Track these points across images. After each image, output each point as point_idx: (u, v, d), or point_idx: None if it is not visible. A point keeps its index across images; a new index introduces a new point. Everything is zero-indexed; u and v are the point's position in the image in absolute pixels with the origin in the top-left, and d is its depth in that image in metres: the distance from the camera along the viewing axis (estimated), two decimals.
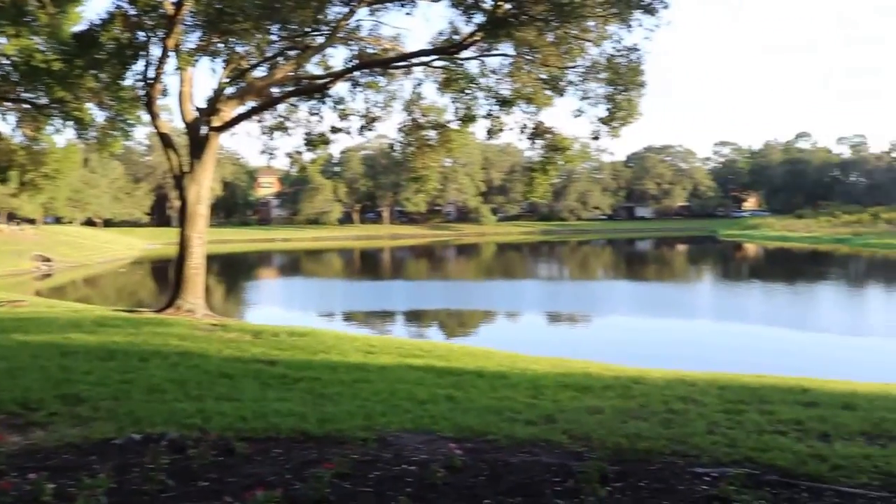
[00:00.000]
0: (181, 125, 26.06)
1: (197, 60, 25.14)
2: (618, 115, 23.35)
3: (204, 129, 24.86)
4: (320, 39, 25.35)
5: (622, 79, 22.78)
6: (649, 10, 20.89)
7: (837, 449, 9.04)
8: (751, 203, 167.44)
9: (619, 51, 22.72)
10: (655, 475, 8.07)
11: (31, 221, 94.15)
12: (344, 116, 27.55)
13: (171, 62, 24.26)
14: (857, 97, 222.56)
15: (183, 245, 24.71)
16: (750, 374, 16.09)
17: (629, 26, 21.77)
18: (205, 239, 25.28)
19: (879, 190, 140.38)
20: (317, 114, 27.76)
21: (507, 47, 24.00)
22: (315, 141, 28.14)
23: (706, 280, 58.67)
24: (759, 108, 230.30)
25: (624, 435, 9.52)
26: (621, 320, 34.14)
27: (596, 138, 24.31)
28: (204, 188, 24.98)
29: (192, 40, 24.52)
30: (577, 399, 12.11)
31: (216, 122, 24.71)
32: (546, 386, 13.23)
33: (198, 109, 25.07)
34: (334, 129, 27.94)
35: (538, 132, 25.43)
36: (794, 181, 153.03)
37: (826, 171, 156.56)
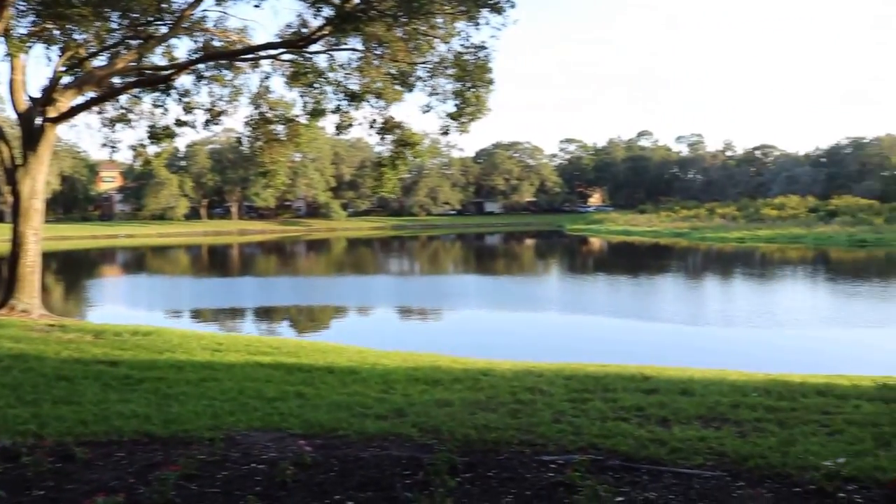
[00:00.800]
0: (13, 115, 24.77)
1: (30, 47, 23.88)
2: (466, 110, 23.63)
3: (39, 120, 23.70)
4: (164, 29, 24.56)
5: (470, 75, 23.07)
6: (496, 9, 21.24)
7: (676, 433, 9.43)
8: (595, 198, 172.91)
9: (467, 48, 23.01)
10: (504, 465, 8.23)
11: None
12: (189, 109, 26.82)
13: (1, 48, 23.03)
14: (695, 98, 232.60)
15: (16, 242, 23.51)
16: (595, 363, 16.61)
17: (477, 24, 22.08)
18: (41, 235, 24.14)
19: (715, 186, 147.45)
20: (161, 106, 26.89)
21: (355, 42, 23.92)
22: (159, 134, 27.26)
23: (553, 273, 60.11)
24: (606, 106, 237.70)
25: (473, 426, 9.66)
26: (471, 314, 34.58)
27: (445, 133, 24.55)
28: (39, 182, 23.83)
29: (24, 25, 23.28)
30: (427, 392, 12.21)
31: (52, 113, 23.58)
32: (396, 380, 13.29)
33: (31, 99, 23.86)
34: (179, 123, 27.14)
35: (387, 127, 25.45)
36: (637, 177, 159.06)
37: (666, 168, 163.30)
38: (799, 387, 12.70)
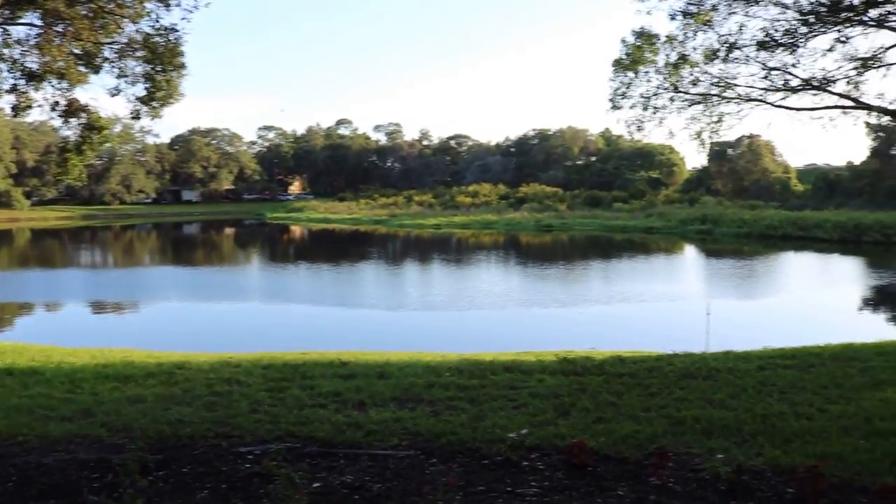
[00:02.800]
0: None
1: None
2: (157, 95, 22.50)
3: None
4: None
5: (160, 59, 22.07)
6: None
7: (372, 416, 9.57)
8: (296, 187, 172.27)
9: (156, 29, 21.96)
10: (199, 459, 7.99)
11: None
12: None
13: None
14: (393, 87, 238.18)
15: None
16: (294, 351, 16.54)
17: (167, 5, 21.12)
18: None
19: (412, 174, 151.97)
20: None
21: (33, 17, 22.12)
22: None
23: (254, 262, 59.30)
24: (305, 94, 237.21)
25: (167, 422, 9.30)
26: (169, 306, 33.29)
27: (136, 118, 23.30)
28: None
29: None
30: (118, 389, 11.59)
31: None
32: (84, 379, 12.50)
33: None
34: None
35: (72, 110, 23.74)
36: (336, 166, 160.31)
37: (365, 156, 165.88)
38: (489, 365, 13.34)
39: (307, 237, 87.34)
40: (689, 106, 19.60)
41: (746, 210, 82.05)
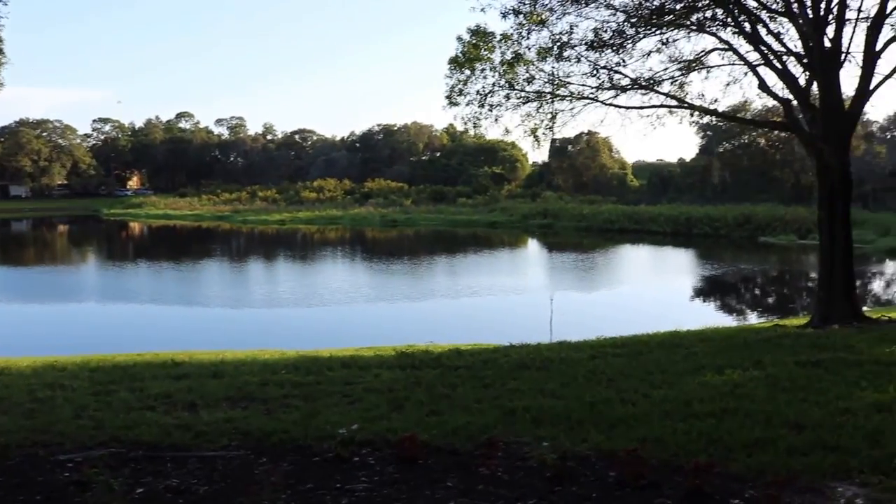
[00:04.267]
0: None
1: None
2: None
3: None
4: None
5: None
6: None
7: (203, 416, 9.34)
8: (134, 182, 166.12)
9: None
10: (13, 470, 7.60)
11: None
12: None
13: None
14: (239, 79, 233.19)
15: None
16: (126, 353, 15.98)
17: None
18: None
19: (256, 170, 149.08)
20: None
21: None
22: None
23: (90, 261, 56.95)
24: (144, 87, 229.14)
25: None
26: None
27: None
28: None
29: None
30: None
31: None
32: None
33: None
34: None
35: None
36: (177, 160, 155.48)
37: (207, 151, 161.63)
38: (327, 361, 13.26)
39: (147, 234, 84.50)
40: (525, 103, 20.05)
41: (586, 205, 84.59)
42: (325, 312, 29.07)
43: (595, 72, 19.46)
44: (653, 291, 37.03)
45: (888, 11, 17.86)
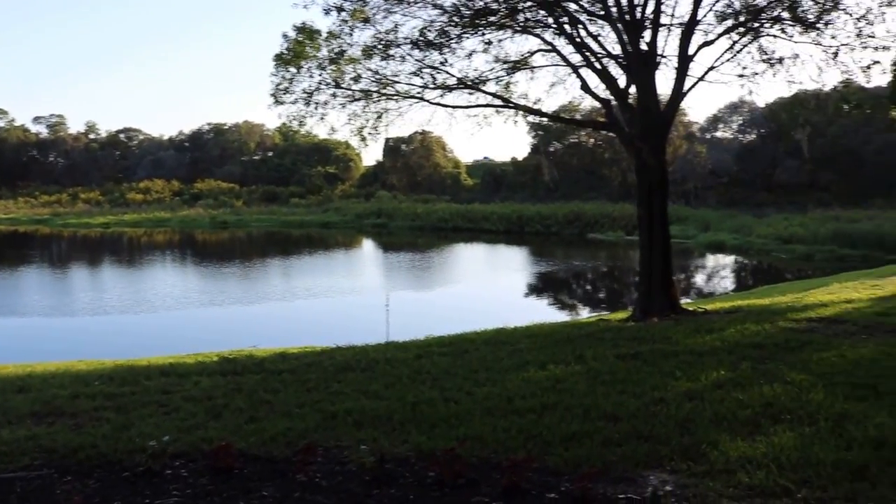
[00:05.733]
0: None
1: None
2: None
3: None
4: None
5: None
6: None
7: (4, 435, 8.75)
8: None
9: None
10: None
11: None
12: None
13: None
14: (58, 76, 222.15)
15: None
16: None
17: None
18: None
19: (78, 170, 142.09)
20: None
21: None
22: None
23: None
24: None
25: None
26: None
27: None
28: None
29: None
30: None
31: None
32: None
33: None
34: None
35: None
36: None
37: (24, 150, 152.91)
38: (144, 370, 12.70)
39: None
40: (351, 102, 19.91)
41: (420, 204, 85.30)
42: (150, 319, 28.01)
43: (420, 71, 19.52)
44: (486, 289, 37.65)
45: (699, 18, 18.75)
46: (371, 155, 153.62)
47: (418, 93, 19.92)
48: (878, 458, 7.19)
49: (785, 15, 18.84)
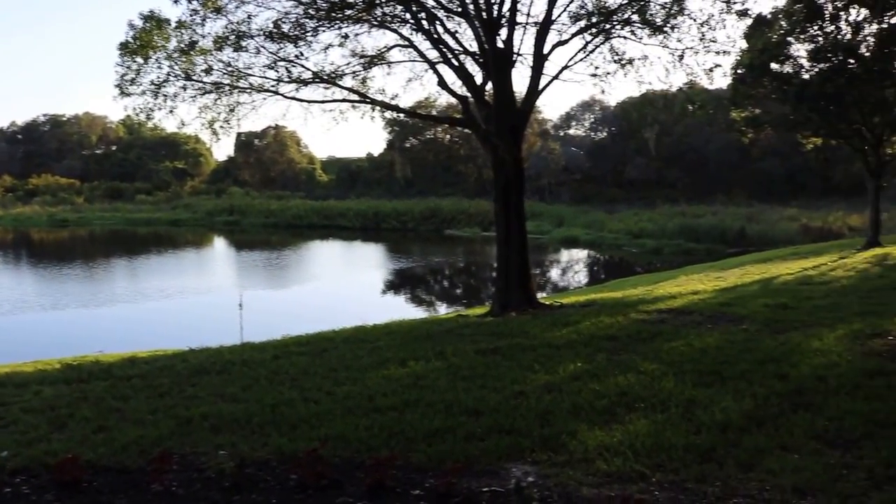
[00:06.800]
0: None
1: None
2: None
3: None
4: None
5: None
6: None
7: None
8: None
9: None
10: None
11: None
12: None
13: None
14: None
15: None
16: None
17: None
18: None
19: None
20: None
21: None
22: None
23: None
24: None
25: None
26: None
27: None
28: None
29: None
30: None
31: None
32: None
33: None
34: None
35: None
36: None
37: None
38: None
39: None
40: (202, 94, 19.30)
41: (273, 200, 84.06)
42: None
43: (275, 64, 19.08)
44: (343, 287, 37.37)
45: (554, 18, 19.04)
46: (222, 150, 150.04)
47: (273, 86, 19.47)
48: (724, 440, 7.55)
49: (634, 18, 19.45)
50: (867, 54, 29.92)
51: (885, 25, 29.28)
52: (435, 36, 19.10)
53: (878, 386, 9.28)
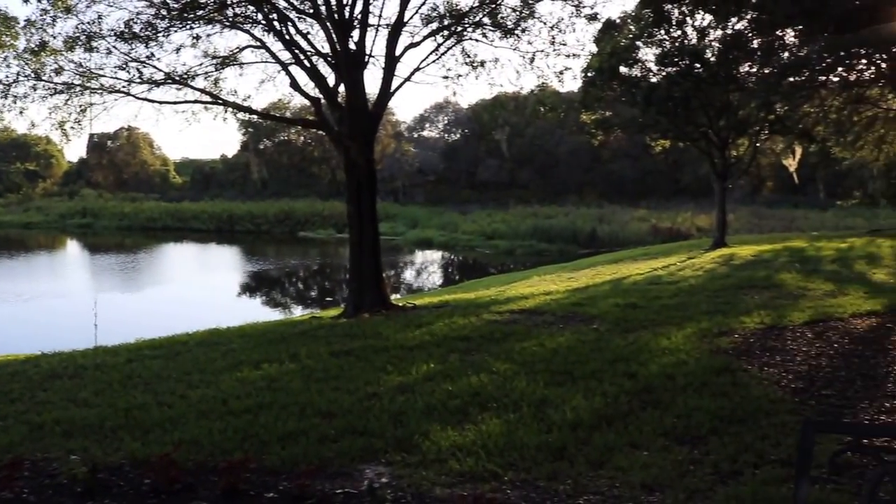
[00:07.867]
0: None
1: None
2: None
3: None
4: None
5: None
6: None
7: None
8: None
9: None
10: None
11: None
12: None
13: None
14: None
15: None
16: None
17: None
18: None
19: None
20: None
21: None
22: None
23: None
24: None
25: None
26: None
27: None
28: None
29: None
30: None
31: None
32: None
33: None
34: None
35: None
36: None
37: None
38: None
39: None
40: (53, 95, 18.87)
41: (127, 203, 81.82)
42: None
43: (126, 65, 18.82)
44: (197, 290, 36.84)
45: (406, 20, 19.35)
46: (75, 151, 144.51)
47: (124, 87, 19.15)
48: (575, 438, 7.79)
49: (486, 20, 19.89)
50: (712, 59, 31.18)
51: (728, 31, 30.70)
52: (287, 37, 19.05)
53: (725, 383, 9.66)
